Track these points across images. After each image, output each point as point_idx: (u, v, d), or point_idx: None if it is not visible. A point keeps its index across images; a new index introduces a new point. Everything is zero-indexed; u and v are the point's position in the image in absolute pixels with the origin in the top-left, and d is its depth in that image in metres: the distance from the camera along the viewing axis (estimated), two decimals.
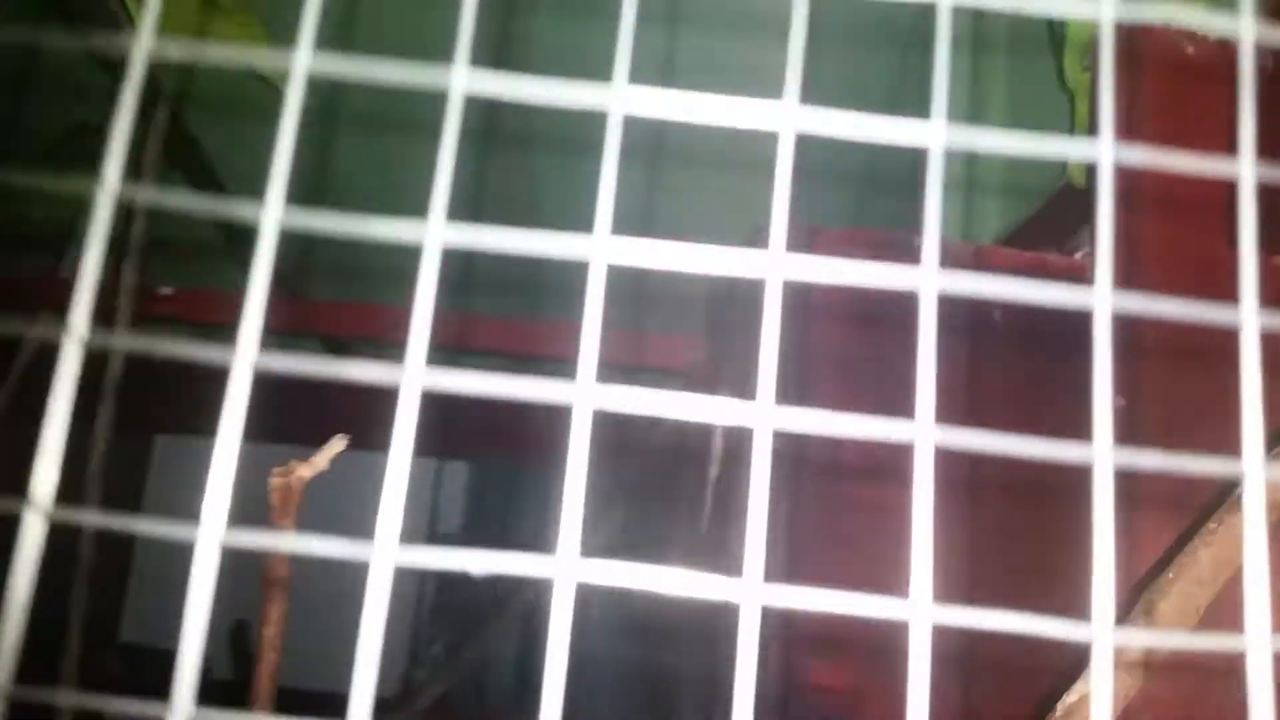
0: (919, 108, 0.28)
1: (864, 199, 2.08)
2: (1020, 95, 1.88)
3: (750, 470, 0.25)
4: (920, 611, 0.24)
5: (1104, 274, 0.27)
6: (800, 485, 1.21)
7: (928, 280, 0.27)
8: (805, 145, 0.27)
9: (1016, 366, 1.30)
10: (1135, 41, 1.28)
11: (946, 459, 0.26)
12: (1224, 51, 1.30)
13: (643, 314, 2.48)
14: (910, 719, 0.24)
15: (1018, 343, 1.32)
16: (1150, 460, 0.26)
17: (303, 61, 0.28)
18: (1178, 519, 0.91)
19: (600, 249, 0.27)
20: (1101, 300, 0.26)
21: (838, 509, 1.20)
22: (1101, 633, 0.24)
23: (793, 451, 1.18)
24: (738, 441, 1.34)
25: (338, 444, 0.98)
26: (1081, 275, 1.29)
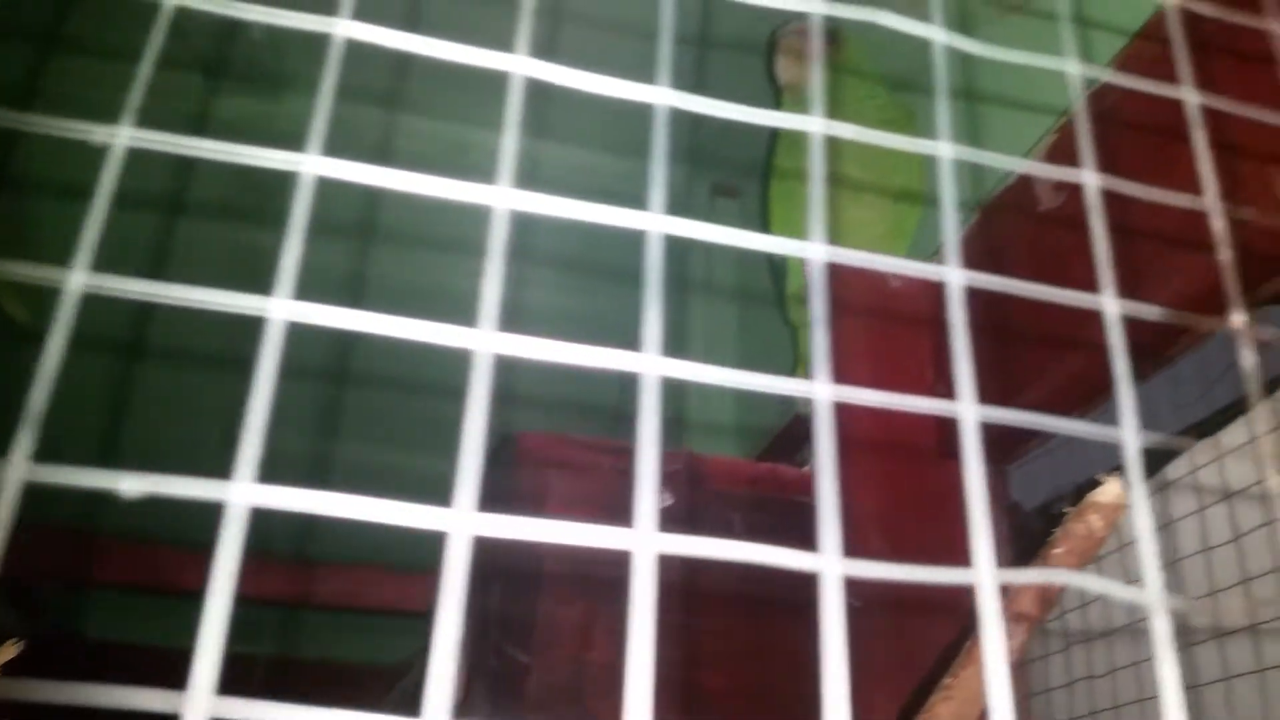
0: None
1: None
2: (750, 334, 2.02)
3: None
4: (644, 540, 0.22)
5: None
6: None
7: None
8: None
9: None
10: (843, 281, 1.41)
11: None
12: (928, 288, 1.45)
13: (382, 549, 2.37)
14: (633, 652, 0.21)
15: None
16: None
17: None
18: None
19: None
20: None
21: None
22: (830, 564, 0.23)
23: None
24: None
25: (10, 650, 0.96)
26: (808, 484, 1.36)
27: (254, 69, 1.82)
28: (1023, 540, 1.35)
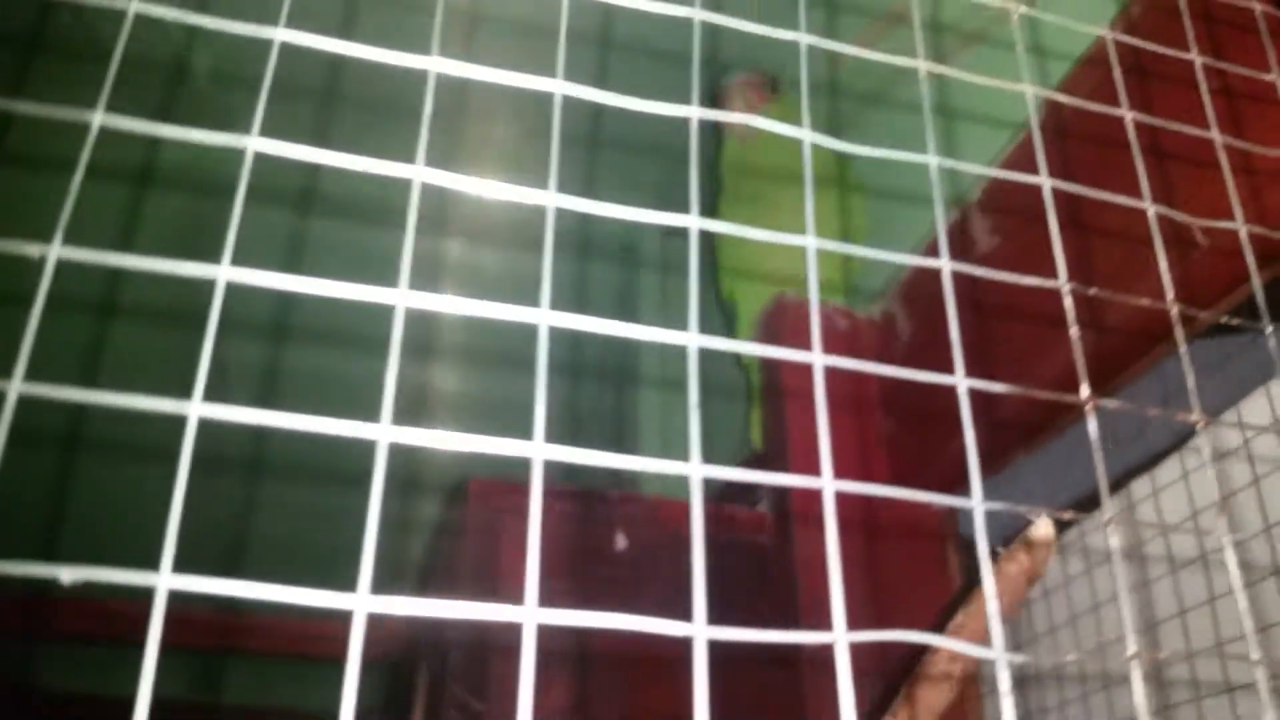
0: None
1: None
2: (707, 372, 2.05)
3: None
4: (530, 614, 0.25)
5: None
6: None
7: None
8: None
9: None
10: (793, 323, 1.44)
11: None
12: (873, 329, 1.49)
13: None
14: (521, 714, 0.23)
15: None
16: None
17: None
18: None
19: None
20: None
21: None
22: (699, 630, 0.25)
23: None
24: None
25: None
26: (761, 524, 1.38)
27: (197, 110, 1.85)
28: (974, 578, 1.38)
